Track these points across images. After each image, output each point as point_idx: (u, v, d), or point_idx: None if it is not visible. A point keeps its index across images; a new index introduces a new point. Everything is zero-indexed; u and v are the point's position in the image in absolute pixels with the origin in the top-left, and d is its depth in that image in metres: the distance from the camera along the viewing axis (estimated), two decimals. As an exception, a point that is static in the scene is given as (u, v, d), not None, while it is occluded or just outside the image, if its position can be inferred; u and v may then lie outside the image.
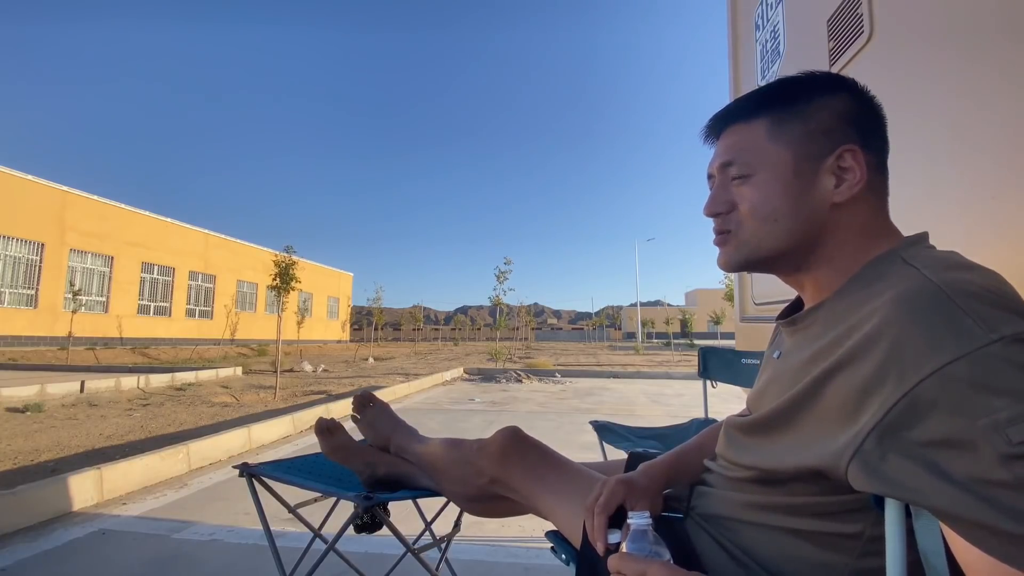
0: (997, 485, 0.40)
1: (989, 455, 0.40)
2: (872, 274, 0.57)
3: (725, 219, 0.66)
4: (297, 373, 10.04)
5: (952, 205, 0.99)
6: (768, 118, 0.62)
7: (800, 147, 0.60)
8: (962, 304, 0.45)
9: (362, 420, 1.27)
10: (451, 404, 6.27)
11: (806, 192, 0.60)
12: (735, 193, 0.65)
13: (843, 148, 0.59)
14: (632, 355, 18.86)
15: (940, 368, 0.43)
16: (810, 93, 0.62)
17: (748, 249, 0.64)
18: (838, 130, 0.60)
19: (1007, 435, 0.40)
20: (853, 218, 0.60)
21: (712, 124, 0.69)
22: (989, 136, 0.91)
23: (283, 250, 7.00)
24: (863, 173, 0.59)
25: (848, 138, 0.60)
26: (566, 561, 0.81)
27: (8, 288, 14.92)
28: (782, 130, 0.61)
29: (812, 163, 0.60)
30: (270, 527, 1.25)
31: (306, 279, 8.82)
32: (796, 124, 0.61)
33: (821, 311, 0.61)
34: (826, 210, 0.60)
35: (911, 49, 1.12)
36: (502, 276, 12.89)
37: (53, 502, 2.35)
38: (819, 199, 0.60)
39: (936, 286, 0.47)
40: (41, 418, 4.65)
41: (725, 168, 0.66)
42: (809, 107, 0.61)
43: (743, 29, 2.32)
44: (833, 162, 0.59)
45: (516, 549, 2.05)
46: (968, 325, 0.44)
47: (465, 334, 58.19)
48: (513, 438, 0.92)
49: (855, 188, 0.59)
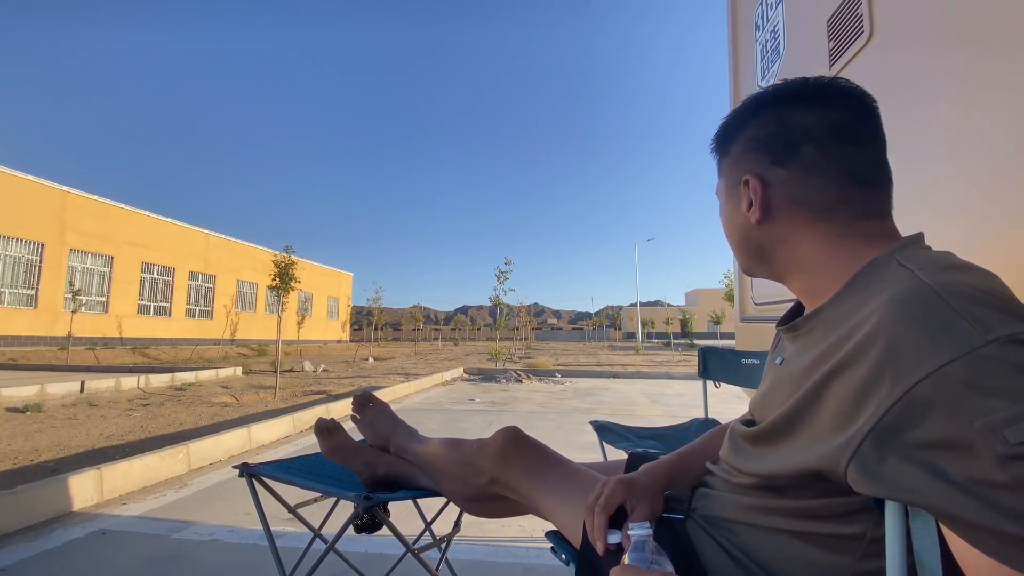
0: (995, 486, 0.40)
1: (987, 456, 0.40)
2: (868, 277, 0.57)
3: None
4: (297, 373, 10.04)
5: (952, 205, 0.99)
6: (719, 156, 0.74)
7: (727, 178, 0.72)
8: (957, 306, 0.45)
9: (362, 420, 1.27)
10: (451, 404, 6.27)
11: (736, 215, 0.70)
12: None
13: (744, 177, 0.67)
14: (632, 355, 18.86)
15: (936, 370, 0.43)
16: (732, 130, 0.71)
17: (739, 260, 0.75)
18: (744, 160, 0.68)
19: (1004, 436, 0.40)
20: (793, 229, 0.65)
21: (711, 150, 0.78)
22: (989, 136, 0.91)
23: (283, 250, 7.00)
24: (757, 199, 0.66)
25: (749, 167, 0.67)
26: (566, 561, 0.81)
27: (8, 288, 14.92)
28: (721, 167, 0.74)
29: (734, 191, 0.70)
30: (270, 527, 1.25)
31: (306, 279, 8.83)
32: (726, 160, 0.72)
33: (820, 316, 0.61)
34: (754, 229, 0.68)
35: (911, 49, 1.12)
36: (502, 276, 12.89)
37: (53, 502, 2.35)
38: (744, 220, 0.69)
39: (931, 288, 0.47)
40: (41, 418, 4.65)
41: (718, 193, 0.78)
42: (731, 144, 0.71)
43: (743, 29, 2.32)
44: (744, 189, 0.67)
45: (516, 549, 2.05)
46: (963, 327, 0.44)
47: (465, 334, 58.20)
48: (513, 438, 0.92)
49: (757, 212, 0.66)
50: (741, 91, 2.36)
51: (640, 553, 0.56)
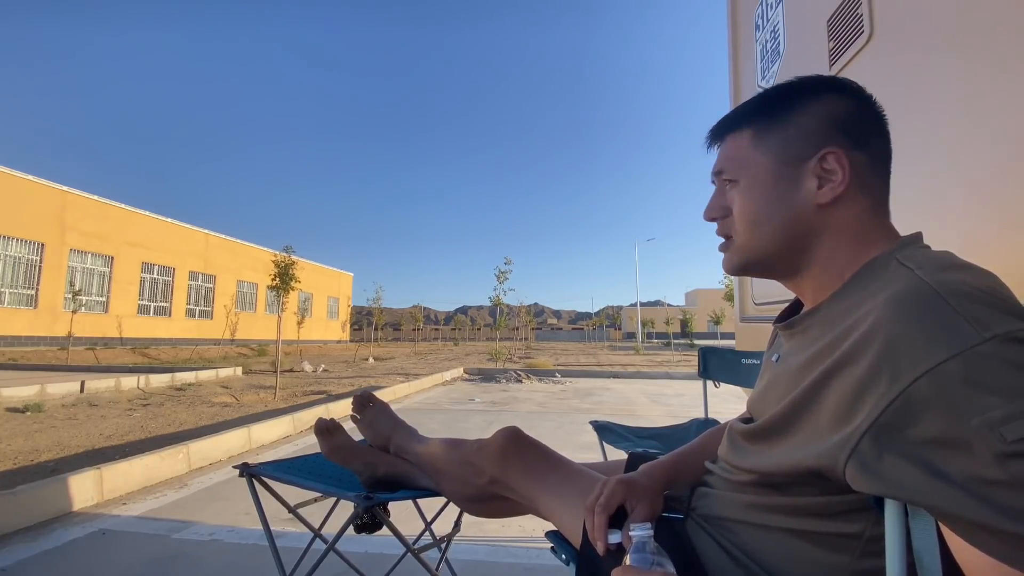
0: (993, 484, 0.40)
1: (984, 454, 0.40)
2: (868, 276, 0.57)
3: (723, 224, 0.69)
4: (297, 373, 10.04)
5: (951, 205, 0.99)
6: (752, 127, 0.65)
7: (780, 152, 0.62)
8: (955, 304, 0.45)
9: (362, 420, 1.27)
10: (451, 404, 6.27)
11: (788, 195, 0.62)
12: (728, 200, 0.68)
13: (825, 150, 0.60)
14: (632, 355, 18.86)
15: (934, 367, 0.43)
16: (792, 100, 0.63)
17: (743, 252, 0.67)
18: (820, 133, 0.61)
19: (1001, 434, 0.40)
20: (844, 219, 0.61)
21: (710, 135, 0.73)
22: (989, 136, 0.91)
23: (283, 250, 7.00)
24: (845, 174, 0.59)
25: (831, 140, 0.60)
26: (566, 561, 0.81)
27: (8, 288, 14.91)
28: (764, 137, 0.64)
29: (793, 167, 0.62)
30: (270, 527, 1.25)
31: (306, 279, 8.82)
32: (777, 130, 0.63)
33: (819, 314, 0.61)
34: (811, 212, 0.61)
35: (911, 49, 1.12)
36: (502, 276, 12.89)
37: (53, 502, 2.35)
38: (802, 201, 0.61)
39: (930, 286, 0.48)
40: (41, 418, 4.65)
41: (718, 176, 0.70)
42: (791, 113, 0.63)
43: (743, 29, 2.32)
44: (815, 164, 0.60)
45: (516, 549, 2.05)
46: (961, 325, 0.44)
47: (465, 334, 58.20)
48: (513, 438, 0.92)
49: (838, 189, 0.60)
50: (741, 91, 2.36)
51: (641, 554, 0.57)
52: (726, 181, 0.68)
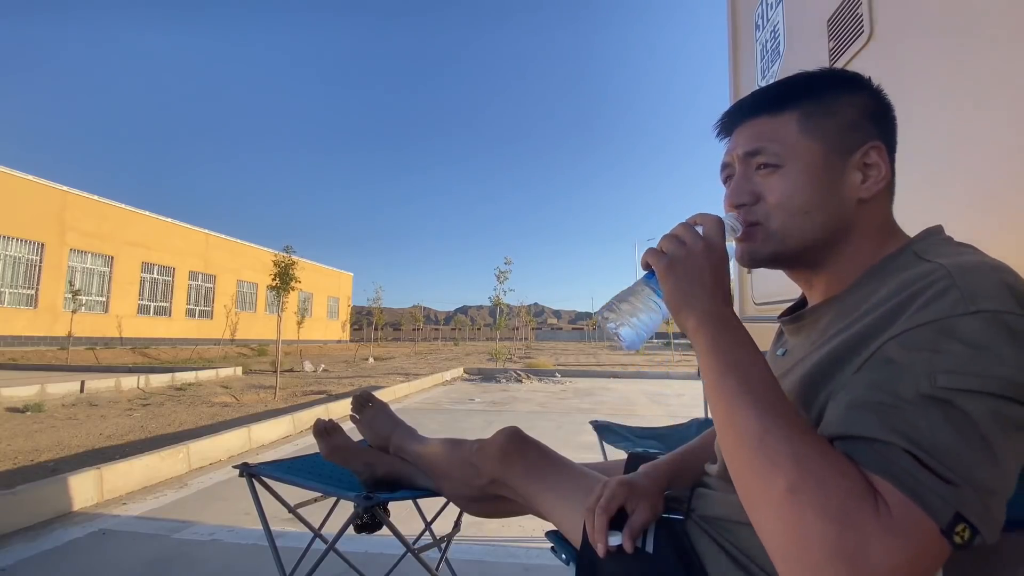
0: (904, 409, 0.42)
1: (911, 385, 0.42)
2: (889, 267, 0.57)
3: (749, 211, 0.63)
4: (297, 373, 10.04)
5: (951, 205, 0.99)
6: (798, 110, 0.61)
7: (830, 140, 0.59)
8: (958, 279, 0.46)
9: (361, 420, 1.27)
10: (451, 404, 6.27)
11: (835, 186, 0.59)
12: (760, 184, 0.62)
13: (869, 144, 0.59)
14: (632, 355, 18.85)
15: (910, 328, 0.45)
16: (838, 88, 0.62)
17: (776, 242, 0.62)
18: (864, 126, 0.60)
19: (935, 378, 0.42)
20: (874, 215, 0.61)
21: (733, 113, 0.67)
22: (989, 136, 0.91)
23: (283, 250, 7.00)
24: (887, 170, 0.60)
25: (872, 134, 0.60)
26: (566, 561, 0.80)
27: (8, 288, 14.91)
28: (812, 123, 0.60)
29: (841, 158, 0.59)
30: (270, 527, 1.25)
31: (306, 279, 8.82)
32: (826, 118, 0.60)
33: (832, 305, 0.61)
34: (852, 205, 0.60)
35: (911, 49, 1.12)
36: (502, 276, 12.89)
37: (53, 502, 2.35)
38: (846, 194, 0.59)
39: (942, 266, 0.48)
40: (41, 418, 4.65)
41: (749, 158, 0.63)
42: (837, 102, 0.60)
43: (743, 29, 2.32)
44: (859, 158, 0.59)
45: (516, 549, 2.05)
46: (954, 296, 0.45)
47: (465, 334, 58.18)
48: (513, 438, 0.92)
49: (880, 184, 0.59)
50: (741, 91, 2.36)
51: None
52: (761, 165, 0.62)
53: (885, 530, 0.38)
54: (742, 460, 0.46)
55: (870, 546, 0.37)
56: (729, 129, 0.68)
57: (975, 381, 0.41)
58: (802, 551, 0.39)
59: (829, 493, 0.39)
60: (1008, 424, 0.41)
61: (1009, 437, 0.41)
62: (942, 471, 0.39)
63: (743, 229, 0.63)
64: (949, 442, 0.40)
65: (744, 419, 0.46)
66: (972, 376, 0.41)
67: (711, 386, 0.51)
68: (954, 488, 0.39)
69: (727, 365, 0.50)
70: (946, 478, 0.39)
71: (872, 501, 0.39)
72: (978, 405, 0.41)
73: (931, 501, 0.39)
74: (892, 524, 0.38)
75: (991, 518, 0.40)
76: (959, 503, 0.39)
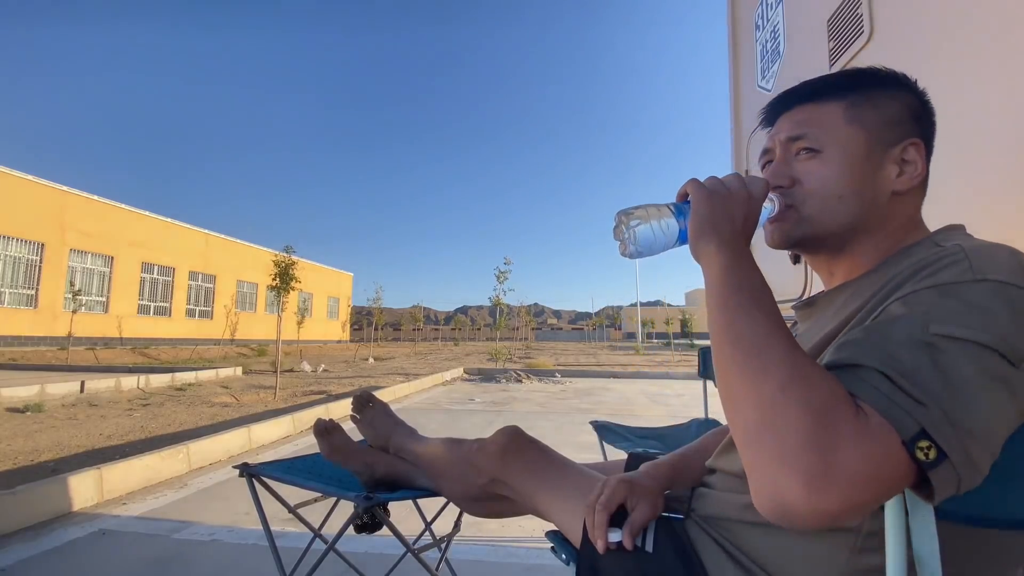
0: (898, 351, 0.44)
1: (905, 329, 0.45)
2: (903, 256, 0.60)
3: (786, 193, 0.65)
4: (297, 373, 10.03)
5: (951, 205, 0.99)
6: (844, 101, 0.64)
7: (873, 132, 0.62)
8: (970, 253, 0.48)
9: (361, 420, 1.27)
10: (451, 404, 6.27)
11: (871, 176, 0.62)
12: (799, 169, 0.65)
13: (909, 141, 0.62)
14: (632, 355, 18.85)
15: (916, 290, 0.48)
16: (884, 84, 0.65)
17: (808, 225, 0.64)
18: (906, 123, 0.63)
19: (928, 326, 0.43)
20: (905, 209, 0.63)
21: (779, 101, 0.69)
22: (989, 136, 0.91)
23: (283, 250, 7.00)
24: (923, 167, 0.62)
25: (913, 132, 0.63)
26: (566, 561, 0.80)
27: (8, 288, 14.91)
28: (857, 113, 0.63)
29: (881, 150, 0.62)
30: (270, 527, 1.25)
31: (306, 279, 8.81)
32: (870, 110, 0.63)
33: (847, 288, 0.64)
34: (886, 197, 0.62)
35: (911, 49, 1.12)
36: (502, 276, 12.88)
37: (53, 502, 2.35)
38: (881, 185, 0.62)
39: (958, 246, 0.50)
40: (41, 418, 4.65)
41: (791, 142, 0.66)
42: (881, 97, 0.63)
43: (743, 29, 2.32)
44: (898, 153, 0.62)
45: (516, 549, 2.05)
46: (963, 266, 0.47)
47: (465, 334, 58.19)
48: (513, 438, 0.92)
49: (915, 180, 0.62)
50: (741, 91, 2.36)
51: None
52: (803, 149, 0.64)
53: (857, 433, 0.40)
54: (737, 362, 0.47)
55: (840, 445, 0.39)
56: (773, 117, 0.70)
57: (965, 331, 0.43)
58: (777, 439, 0.41)
59: (814, 391, 0.42)
60: (990, 375, 0.42)
61: (989, 388, 0.42)
62: (913, 391, 0.41)
63: (778, 210, 0.65)
64: (926, 373, 0.42)
65: (749, 324, 0.49)
66: (964, 327, 0.43)
67: (716, 298, 0.53)
68: (922, 407, 0.40)
69: (739, 282, 0.52)
70: (915, 397, 0.41)
71: (852, 407, 0.41)
72: (962, 350, 0.42)
73: (896, 414, 0.41)
74: (864, 429, 0.40)
75: (968, 458, 0.40)
76: (925, 420, 0.40)
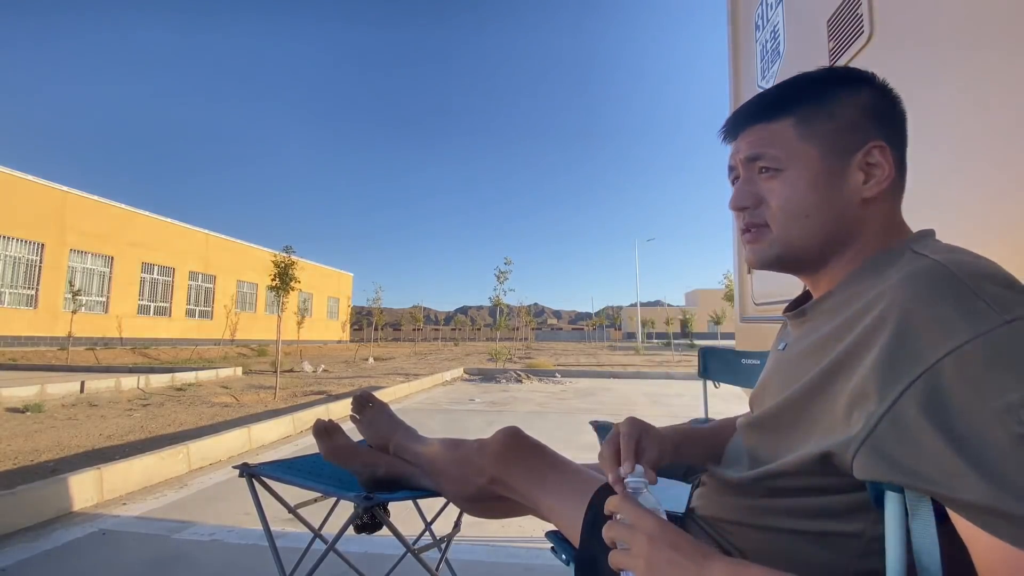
0: (1009, 468, 0.39)
1: (1001, 437, 0.40)
2: (882, 262, 0.57)
3: (753, 214, 0.64)
4: (297, 373, 10.03)
5: (951, 205, 0.99)
6: (795, 115, 0.62)
7: (828, 143, 0.60)
8: (973, 285, 0.45)
9: (361, 420, 1.27)
10: (451, 404, 6.27)
11: (836, 188, 0.60)
12: (763, 188, 0.63)
13: (871, 144, 0.59)
14: (632, 355, 18.85)
15: (956, 348, 0.43)
16: (834, 89, 0.61)
17: (780, 246, 0.63)
18: (863, 126, 0.60)
19: (1020, 416, 0.39)
20: (879, 213, 0.60)
21: (734, 120, 0.67)
22: (989, 136, 0.91)
23: (283, 250, 7.00)
24: (891, 169, 0.59)
25: (874, 134, 0.60)
26: (566, 561, 0.81)
27: (8, 288, 14.91)
28: (810, 126, 0.61)
29: (841, 159, 0.59)
30: (270, 527, 1.24)
31: (306, 279, 8.81)
32: (823, 120, 0.60)
33: (829, 299, 0.61)
34: (856, 205, 0.60)
35: (911, 49, 1.12)
36: (502, 276, 12.89)
37: (53, 502, 2.35)
38: (849, 195, 0.60)
39: (946, 267, 0.48)
40: (41, 418, 4.65)
41: (751, 162, 0.64)
42: (834, 103, 0.60)
43: (743, 29, 2.32)
44: (862, 158, 0.59)
45: (516, 549, 2.05)
46: (981, 306, 0.44)
47: (465, 334, 58.18)
48: (513, 438, 0.92)
49: (883, 184, 0.59)
50: (741, 91, 2.36)
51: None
52: (762, 169, 0.63)
53: None
54: None
55: None
56: (733, 134, 0.68)
57: None
58: None
59: None
60: None
61: None
62: None
63: (747, 233, 0.65)
64: None
65: None
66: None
67: None
68: None
69: None
70: None
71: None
72: None
73: None
74: None
75: None
76: None
